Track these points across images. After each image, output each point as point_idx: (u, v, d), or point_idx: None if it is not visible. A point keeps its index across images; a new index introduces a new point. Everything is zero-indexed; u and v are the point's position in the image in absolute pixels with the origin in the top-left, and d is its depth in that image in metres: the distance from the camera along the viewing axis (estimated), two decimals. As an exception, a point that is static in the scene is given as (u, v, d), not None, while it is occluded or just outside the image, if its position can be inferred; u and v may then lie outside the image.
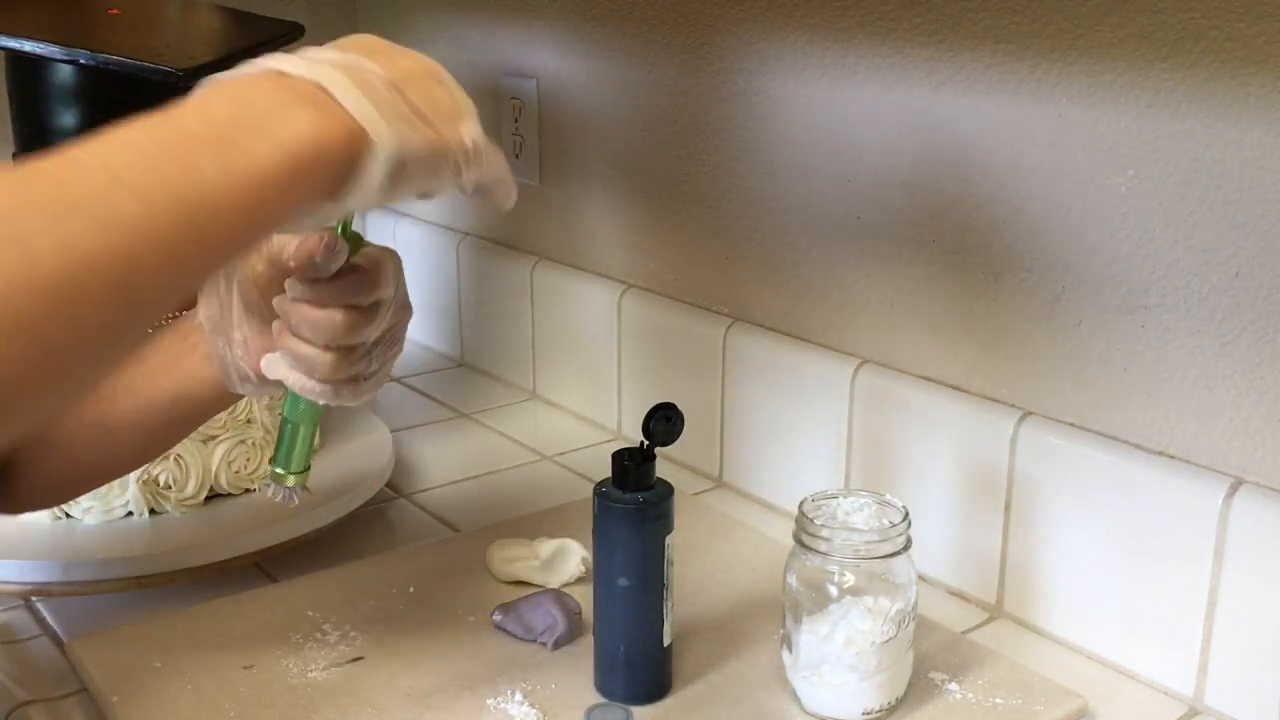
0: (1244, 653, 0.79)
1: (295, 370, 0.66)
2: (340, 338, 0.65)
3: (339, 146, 0.51)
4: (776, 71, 1.05)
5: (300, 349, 0.66)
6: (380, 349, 0.69)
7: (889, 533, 0.76)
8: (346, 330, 0.65)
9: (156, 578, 0.92)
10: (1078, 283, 0.86)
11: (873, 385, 1.00)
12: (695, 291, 1.17)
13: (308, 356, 0.65)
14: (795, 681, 0.78)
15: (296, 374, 0.67)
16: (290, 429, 0.72)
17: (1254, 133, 0.75)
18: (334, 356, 0.65)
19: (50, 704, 0.81)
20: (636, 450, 0.76)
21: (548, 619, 0.84)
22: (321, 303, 0.64)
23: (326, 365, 0.65)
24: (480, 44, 1.38)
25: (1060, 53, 0.84)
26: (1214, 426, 0.80)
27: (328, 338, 0.65)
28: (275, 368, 0.67)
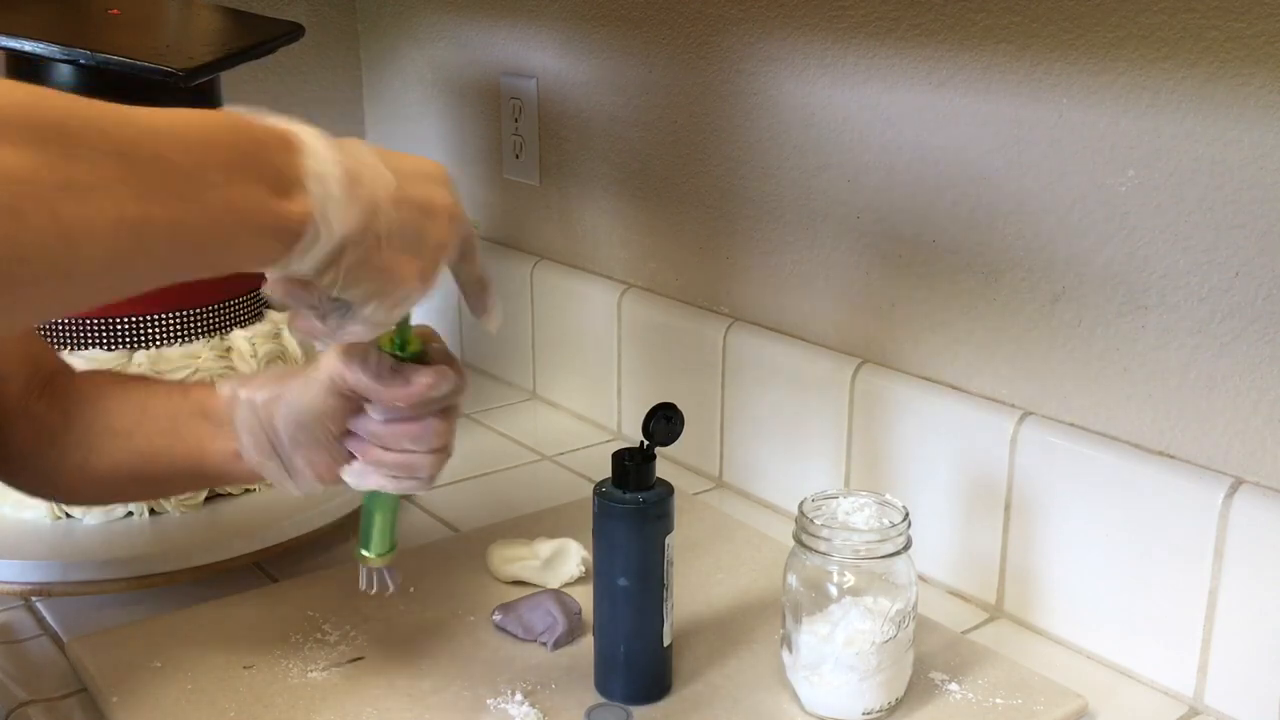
0: (1244, 653, 0.79)
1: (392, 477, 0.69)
2: (442, 441, 0.69)
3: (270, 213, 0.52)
4: (776, 71, 1.05)
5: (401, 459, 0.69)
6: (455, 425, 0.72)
7: (889, 533, 0.76)
8: (449, 432, 0.69)
9: (156, 578, 0.92)
10: (1078, 283, 0.86)
11: (873, 385, 1.00)
12: (695, 291, 1.17)
13: (410, 464, 0.69)
14: (795, 681, 0.78)
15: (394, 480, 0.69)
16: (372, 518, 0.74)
17: (1254, 133, 0.75)
18: (437, 459, 0.69)
19: (50, 704, 0.81)
20: (636, 450, 0.76)
21: (548, 619, 0.84)
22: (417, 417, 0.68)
23: (434, 466, 0.69)
24: (480, 44, 1.38)
25: (1060, 53, 0.84)
26: (1214, 426, 0.80)
27: (433, 445, 0.69)
28: (366, 479, 0.70)
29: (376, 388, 0.66)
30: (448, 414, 0.69)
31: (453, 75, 1.44)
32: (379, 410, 0.68)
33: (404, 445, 0.68)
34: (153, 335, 0.99)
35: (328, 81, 1.57)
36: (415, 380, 0.65)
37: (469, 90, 1.42)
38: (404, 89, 1.53)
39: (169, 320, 0.99)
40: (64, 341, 0.97)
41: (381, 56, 1.56)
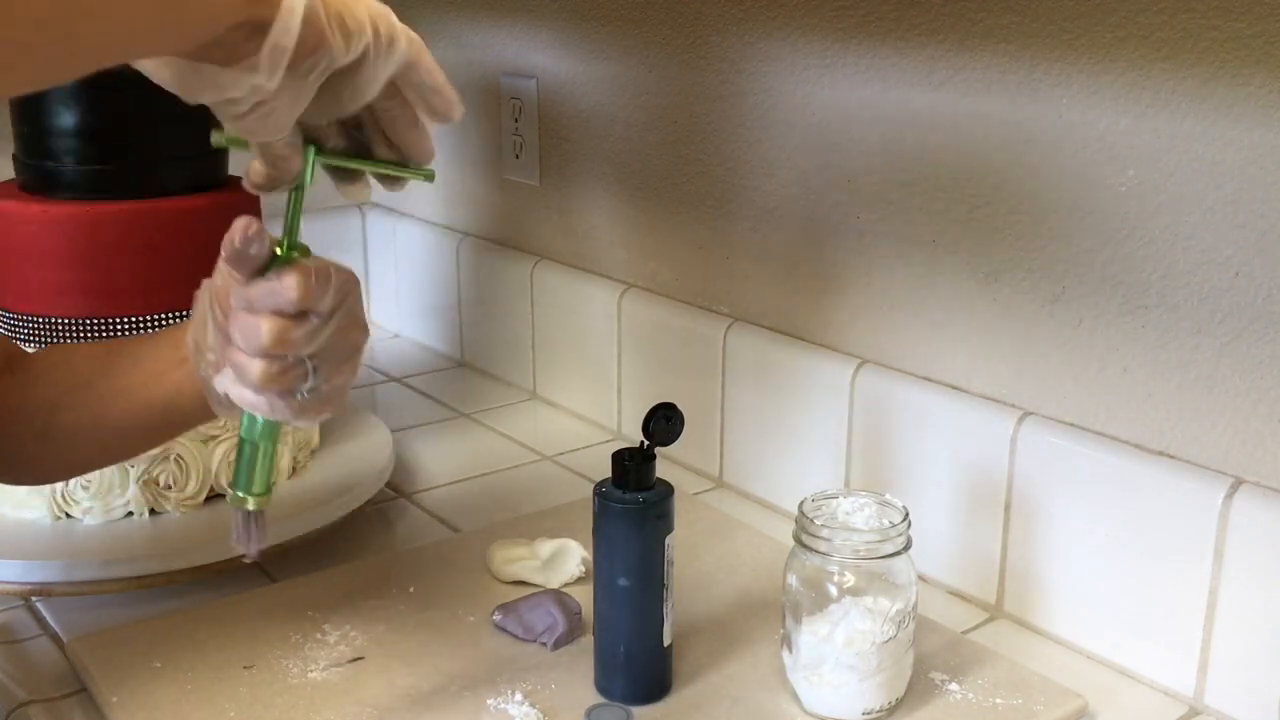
0: (1244, 653, 0.79)
1: (237, 384, 0.65)
2: (265, 345, 0.63)
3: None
4: (776, 71, 1.05)
5: (236, 356, 0.65)
6: (323, 367, 0.66)
7: (889, 533, 0.76)
8: (271, 338, 0.63)
9: (156, 578, 0.92)
10: (1078, 283, 0.86)
11: (873, 385, 1.00)
12: (695, 291, 1.17)
13: (241, 364, 0.64)
14: (795, 681, 0.78)
15: (237, 386, 0.65)
16: (247, 449, 0.68)
17: (1254, 133, 0.75)
18: (263, 364, 0.64)
19: (50, 704, 0.81)
20: (636, 450, 0.76)
21: (548, 619, 0.84)
22: (252, 309, 0.64)
23: (255, 372, 0.64)
24: (480, 44, 1.38)
25: (1060, 53, 0.84)
26: (1214, 426, 0.80)
27: (254, 344, 0.63)
28: (221, 380, 0.67)
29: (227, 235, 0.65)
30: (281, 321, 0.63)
31: (453, 75, 1.43)
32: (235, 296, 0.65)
33: (238, 340, 0.64)
34: (153, 335, 0.99)
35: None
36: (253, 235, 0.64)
37: (469, 90, 1.42)
38: (404, 89, 1.53)
39: (169, 320, 0.99)
40: (60, 342, 0.97)
41: (381, 56, 1.56)
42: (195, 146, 1.03)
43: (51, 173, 0.98)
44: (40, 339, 0.98)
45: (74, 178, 0.98)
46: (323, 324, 0.65)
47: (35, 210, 0.97)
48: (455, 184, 1.48)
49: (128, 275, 0.98)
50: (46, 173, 0.99)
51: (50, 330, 0.97)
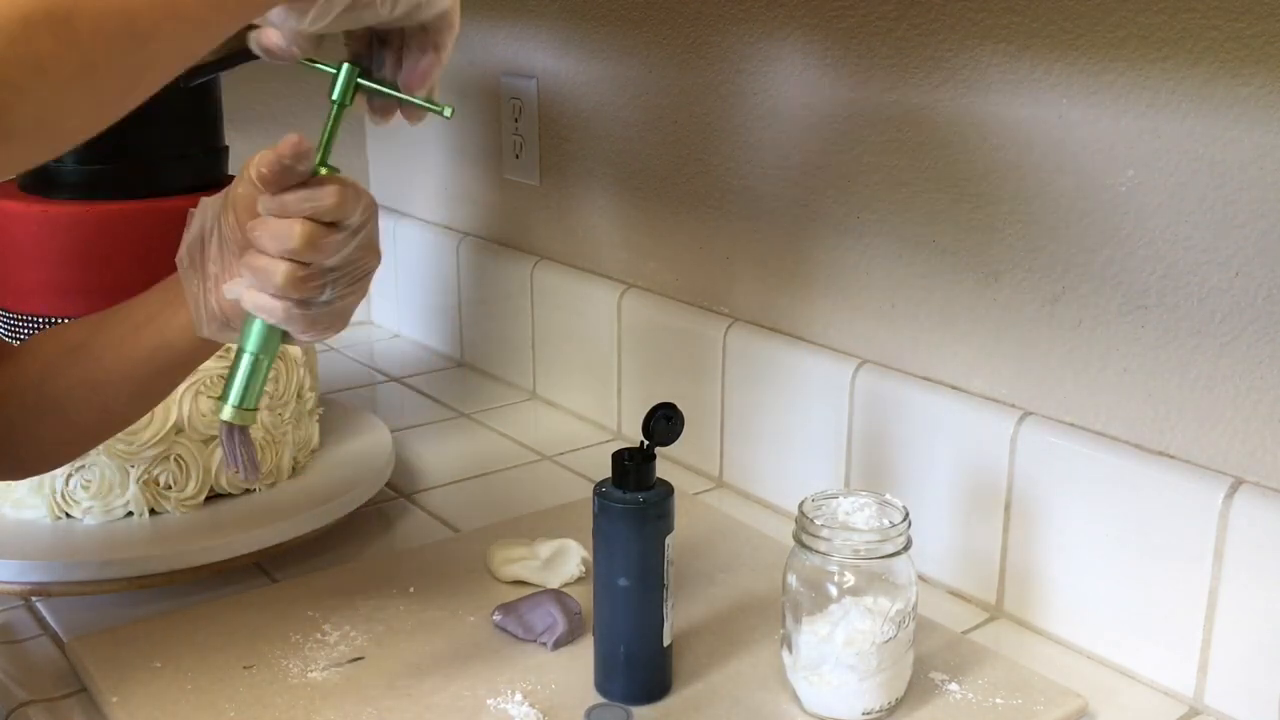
0: (1244, 653, 0.79)
1: (252, 288, 0.67)
2: (297, 248, 0.65)
3: None
4: (777, 71, 1.05)
5: (258, 260, 0.66)
6: (340, 282, 0.68)
7: (889, 533, 0.76)
8: (304, 240, 0.65)
9: (156, 578, 0.92)
10: (1078, 283, 0.86)
11: (873, 385, 1.00)
12: (695, 291, 1.17)
13: (264, 267, 0.66)
14: (795, 681, 0.78)
15: (252, 291, 0.67)
16: (244, 359, 0.68)
17: (1254, 133, 0.75)
18: (289, 267, 0.65)
19: (50, 704, 0.81)
20: (636, 450, 0.76)
21: (548, 619, 0.84)
22: (285, 214, 0.65)
23: (280, 275, 0.65)
24: (480, 44, 1.38)
25: (1060, 53, 0.84)
26: (1214, 426, 0.80)
27: (284, 245, 0.65)
28: (234, 287, 0.68)
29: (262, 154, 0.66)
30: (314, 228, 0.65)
31: (453, 75, 1.44)
32: (262, 203, 0.66)
33: (264, 243, 0.66)
34: (153, 335, 0.99)
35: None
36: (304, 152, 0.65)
37: (469, 90, 1.42)
38: (404, 89, 1.53)
39: (169, 320, 0.99)
40: (64, 341, 0.98)
41: (381, 56, 1.56)
42: (195, 146, 1.03)
43: (51, 173, 0.98)
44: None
45: (74, 178, 0.98)
46: (350, 237, 0.67)
47: (35, 210, 0.97)
48: (455, 184, 1.48)
49: (128, 275, 0.97)
50: (46, 173, 0.99)
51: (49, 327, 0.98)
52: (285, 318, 0.67)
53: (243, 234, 0.68)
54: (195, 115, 1.03)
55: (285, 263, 0.65)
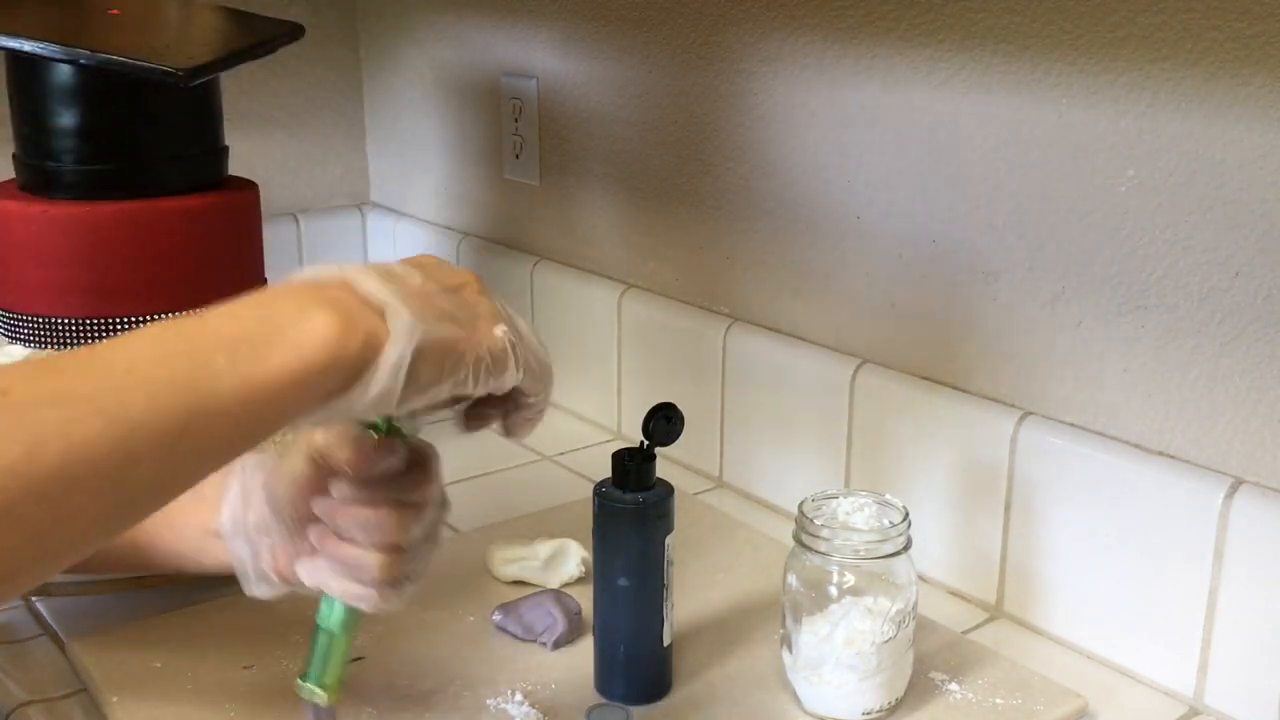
0: (1244, 653, 0.79)
1: (340, 576, 0.64)
2: (393, 536, 0.63)
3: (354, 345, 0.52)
4: (777, 71, 1.05)
5: (348, 552, 0.63)
6: (424, 548, 0.66)
7: (889, 533, 0.76)
8: (399, 528, 0.63)
9: (156, 578, 0.92)
10: (1078, 283, 0.86)
11: (873, 385, 1.00)
12: (695, 291, 1.17)
13: (357, 559, 0.63)
14: (795, 681, 0.78)
15: (343, 580, 0.64)
16: (325, 639, 0.66)
17: (1254, 133, 0.75)
18: (385, 558, 0.63)
19: (50, 704, 0.81)
20: (636, 450, 0.76)
21: (548, 619, 0.84)
22: (372, 502, 0.63)
23: (377, 567, 0.63)
24: (480, 44, 1.38)
25: (1060, 53, 0.84)
26: (1214, 426, 0.80)
27: (380, 537, 0.63)
28: (317, 575, 0.65)
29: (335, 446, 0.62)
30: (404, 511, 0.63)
31: (453, 75, 1.44)
32: (338, 488, 0.63)
33: (353, 533, 0.63)
34: (153, 335, 0.99)
35: (328, 81, 1.57)
36: (368, 444, 0.61)
37: (469, 90, 1.42)
38: (404, 89, 1.53)
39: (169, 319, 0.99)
40: (64, 342, 0.97)
41: (381, 56, 1.56)
42: (195, 146, 1.03)
43: (51, 173, 0.99)
44: (40, 339, 0.98)
45: (74, 178, 0.98)
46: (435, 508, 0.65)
47: (35, 210, 0.97)
48: (455, 184, 1.48)
49: (128, 275, 0.98)
50: (46, 173, 0.99)
51: (50, 330, 0.97)
52: (379, 602, 0.64)
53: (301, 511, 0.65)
54: (195, 115, 1.03)
55: (379, 554, 0.63)
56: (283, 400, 0.50)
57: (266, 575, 0.67)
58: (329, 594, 0.65)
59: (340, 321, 0.52)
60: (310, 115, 1.56)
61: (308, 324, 0.51)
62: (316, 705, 0.67)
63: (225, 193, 1.04)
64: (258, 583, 0.68)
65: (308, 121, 1.56)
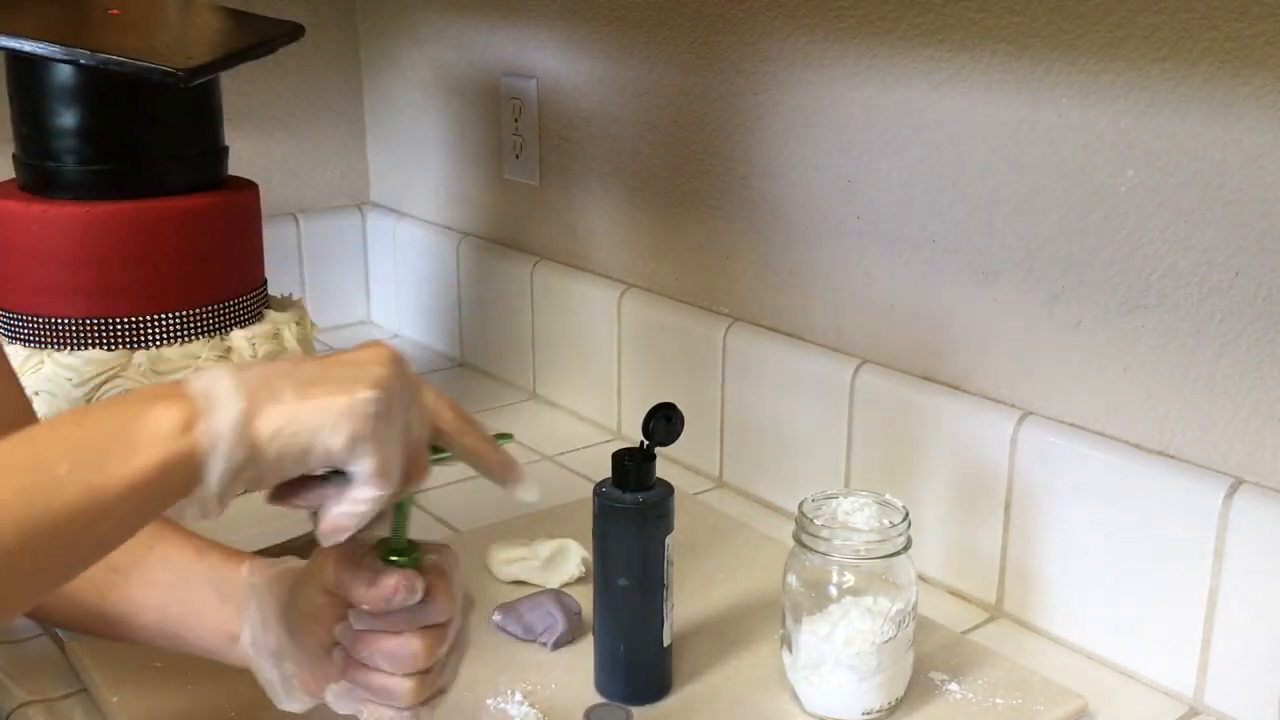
0: (1244, 653, 0.79)
1: (370, 703, 0.63)
2: (421, 663, 0.62)
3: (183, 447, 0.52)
4: (777, 71, 1.05)
5: (376, 680, 0.62)
6: (452, 660, 0.65)
7: (889, 533, 0.76)
8: (426, 654, 0.61)
9: (156, 578, 0.92)
10: (1078, 283, 0.86)
11: (873, 385, 1.00)
12: (695, 291, 1.17)
13: (385, 687, 0.62)
14: (795, 681, 0.78)
15: (372, 707, 0.63)
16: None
17: (1254, 133, 0.75)
18: (415, 682, 0.62)
19: (50, 704, 0.81)
20: (636, 450, 0.76)
21: (548, 619, 0.84)
22: (395, 630, 0.61)
23: (409, 694, 0.62)
24: (480, 44, 1.38)
25: (1060, 53, 0.84)
26: (1214, 426, 0.80)
27: (408, 666, 0.61)
28: (345, 702, 0.64)
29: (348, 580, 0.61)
30: (430, 634, 0.61)
31: (453, 75, 1.44)
32: (358, 618, 0.62)
33: (377, 662, 0.61)
34: (153, 335, 0.99)
35: (328, 81, 1.57)
36: (382, 581, 0.59)
37: (469, 90, 1.42)
38: (404, 89, 1.53)
39: (169, 320, 0.99)
40: (64, 342, 0.97)
41: (381, 56, 1.56)
42: (195, 146, 1.03)
43: (51, 173, 0.99)
44: (40, 339, 0.98)
45: (74, 178, 0.98)
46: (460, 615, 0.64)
47: (35, 210, 0.97)
48: (455, 184, 1.48)
49: (128, 275, 0.98)
50: (46, 173, 0.99)
51: (50, 330, 0.97)
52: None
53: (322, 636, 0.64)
54: (195, 115, 1.03)
55: (409, 680, 0.62)
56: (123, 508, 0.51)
57: (296, 694, 0.66)
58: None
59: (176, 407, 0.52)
60: (310, 115, 1.56)
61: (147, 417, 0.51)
62: None
63: (225, 193, 1.04)
64: (288, 700, 0.66)
65: (308, 121, 1.56)
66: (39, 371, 0.96)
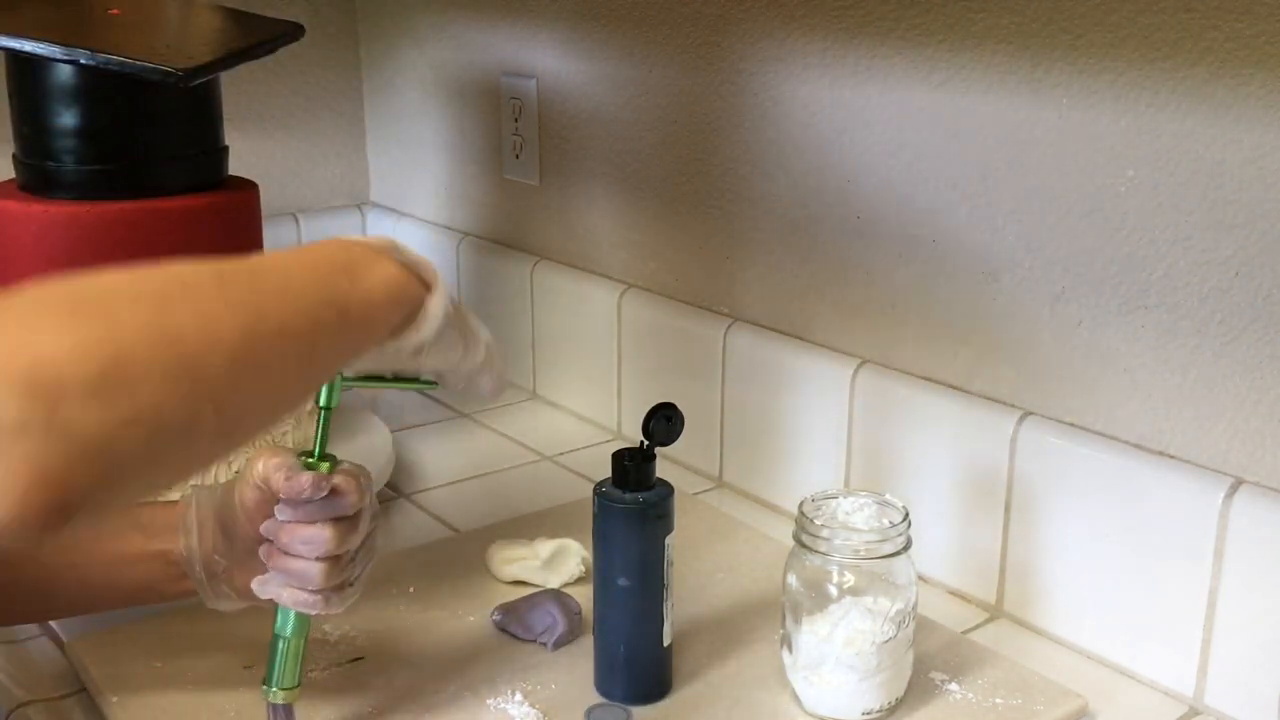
0: (1244, 653, 0.79)
1: (288, 586, 0.72)
2: (331, 548, 0.71)
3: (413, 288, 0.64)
4: (777, 71, 1.05)
5: (293, 564, 0.71)
6: (362, 555, 0.74)
7: (889, 533, 0.76)
8: (336, 541, 0.71)
9: (156, 578, 0.92)
10: (1078, 283, 0.86)
11: (873, 385, 1.00)
12: (695, 291, 1.17)
13: (301, 570, 0.71)
14: (795, 681, 0.78)
15: (290, 590, 0.72)
16: (282, 644, 0.73)
17: (1254, 133, 0.75)
18: (325, 566, 0.71)
19: (50, 704, 0.81)
20: (636, 450, 0.76)
21: (548, 619, 0.84)
22: (311, 520, 0.71)
23: (319, 575, 0.71)
24: (480, 44, 1.38)
25: (1060, 53, 0.84)
26: (1214, 426, 0.80)
27: (320, 550, 0.71)
28: (268, 587, 0.72)
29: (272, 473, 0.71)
30: (340, 525, 0.71)
31: (453, 75, 1.44)
32: (282, 510, 0.71)
33: (296, 548, 0.71)
34: (153, 335, 0.98)
35: (328, 81, 1.57)
36: (299, 476, 0.70)
37: (469, 90, 1.42)
38: (404, 89, 1.53)
39: (169, 320, 0.99)
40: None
41: (381, 56, 1.56)
42: (195, 146, 1.03)
43: (51, 173, 0.98)
44: None
45: (74, 178, 0.98)
46: (367, 518, 0.73)
47: (35, 210, 0.97)
48: (455, 184, 1.48)
49: (128, 275, 0.98)
50: (46, 173, 0.99)
51: (50, 330, 0.97)
52: (325, 606, 0.72)
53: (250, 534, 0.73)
54: (195, 115, 1.03)
55: (320, 563, 0.71)
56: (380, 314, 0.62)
57: (225, 593, 0.76)
58: (281, 604, 0.72)
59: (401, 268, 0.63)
60: (310, 115, 1.56)
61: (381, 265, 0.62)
62: (276, 705, 0.73)
63: (225, 193, 1.04)
64: (217, 599, 0.76)
65: (308, 121, 1.56)
66: (39, 371, 0.96)
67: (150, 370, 0.47)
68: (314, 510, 0.71)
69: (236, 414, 0.53)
